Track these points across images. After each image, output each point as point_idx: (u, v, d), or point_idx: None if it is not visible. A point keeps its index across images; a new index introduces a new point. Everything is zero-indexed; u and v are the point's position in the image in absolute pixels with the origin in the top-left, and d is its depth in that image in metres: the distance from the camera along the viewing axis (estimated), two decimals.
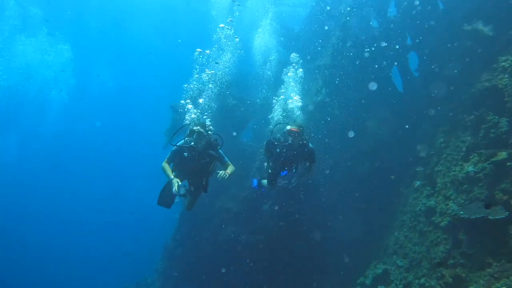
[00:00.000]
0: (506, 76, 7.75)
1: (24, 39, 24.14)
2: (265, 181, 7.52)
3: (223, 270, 11.19)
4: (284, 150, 6.23)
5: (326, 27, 12.49)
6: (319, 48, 12.62)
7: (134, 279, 16.58)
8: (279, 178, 7.39)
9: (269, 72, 13.24)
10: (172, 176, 5.03)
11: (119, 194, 36.32)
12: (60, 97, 32.44)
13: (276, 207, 11.01)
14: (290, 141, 6.08)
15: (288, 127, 6.13)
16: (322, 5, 13.17)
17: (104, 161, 41.87)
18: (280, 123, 7.22)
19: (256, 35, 14.38)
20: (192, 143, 5.25)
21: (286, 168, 6.72)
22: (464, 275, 6.50)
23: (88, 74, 34.30)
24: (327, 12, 12.92)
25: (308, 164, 6.68)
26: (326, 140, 11.11)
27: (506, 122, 7.40)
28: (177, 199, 6.08)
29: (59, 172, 40.46)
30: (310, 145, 6.40)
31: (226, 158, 5.75)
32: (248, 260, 11.19)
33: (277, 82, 12.35)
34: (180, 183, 4.94)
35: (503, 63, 8.03)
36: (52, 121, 36.68)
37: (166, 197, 6.18)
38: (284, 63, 12.23)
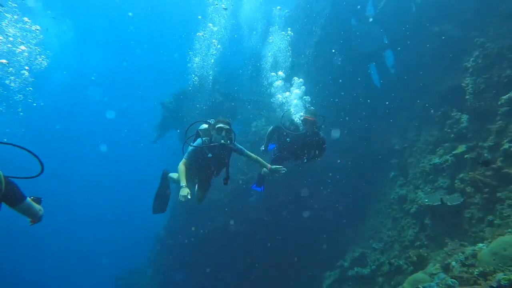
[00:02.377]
0: (468, 75, 8.53)
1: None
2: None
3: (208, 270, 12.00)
4: (296, 140, 6.05)
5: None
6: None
7: (128, 267, 17.20)
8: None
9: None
10: (185, 184, 4.77)
11: (113, 185, 36.62)
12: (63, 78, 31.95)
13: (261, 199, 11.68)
14: (303, 130, 5.97)
15: (302, 115, 6.03)
16: (304, 5, 13.72)
17: (99, 151, 41.79)
18: (289, 110, 6.85)
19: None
20: (222, 141, 5.00)
21: (288, 160, 6.45)
22: (426, 254, 7.36)
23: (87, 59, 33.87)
24: (309, 9, 13.53)
25: (317, 152, 6.39)
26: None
27: (466, 118, 8.20)
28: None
29: (53, 157, 40.17)
30: (321, 134, 6.22)
31: (243, 147, 5.52)
32: (236, 248, 11.93)
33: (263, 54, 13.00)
34: (189, 197, 4.69)
35: (465, 63, 8.80)
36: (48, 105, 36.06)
37: (160, 204, 6.24)
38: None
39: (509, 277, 3.91)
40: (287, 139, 6.03)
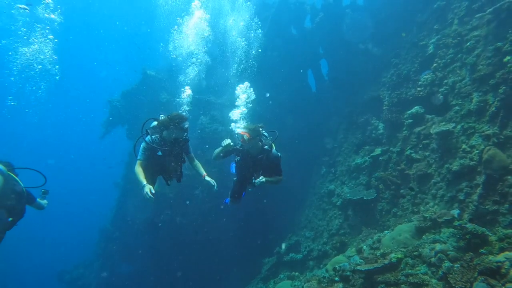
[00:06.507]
0: (385, 90, 10.14)
1: None
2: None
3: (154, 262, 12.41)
4: (244, 158, 5.16)
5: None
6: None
7: (71, 262, 16.89)
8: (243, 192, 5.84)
9: None
10: (144, 183, 4.46)
11: (58, 180, 34.43)
12: None
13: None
14: (239, 146, 5.08)
15: (239, 130, 5.03)
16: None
17: (43, 146, 38.90)
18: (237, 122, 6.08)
19: None
20: (174, 135, 4.79)
21: (247, 183, 5.46)
22: (346, 240, 8.82)
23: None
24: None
25: (274, 175, 5.25)
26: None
27: (382, 126, 9.81)
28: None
29: None
30: (274, 151, 5.15)
31: (191, 148, 5.24)
32: (181, 240, 12.57)
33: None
34: (153, 191, 4.36)
35: (384, 79, 10.44)
36: None
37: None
38: None
39: (397, 256, 5.28)
40: (237, 158, 5.23)
